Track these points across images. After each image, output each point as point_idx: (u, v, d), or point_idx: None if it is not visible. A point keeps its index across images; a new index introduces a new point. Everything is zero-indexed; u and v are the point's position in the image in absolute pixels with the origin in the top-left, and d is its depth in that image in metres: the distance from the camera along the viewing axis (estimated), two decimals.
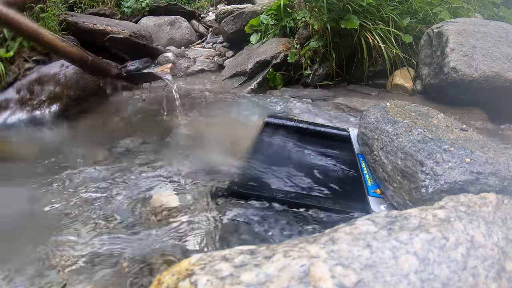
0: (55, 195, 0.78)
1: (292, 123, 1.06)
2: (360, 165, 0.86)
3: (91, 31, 1.97)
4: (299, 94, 1.58)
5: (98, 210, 0.74)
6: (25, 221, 0.71)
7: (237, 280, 0.35)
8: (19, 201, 0.77)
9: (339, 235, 0.42)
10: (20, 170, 0.91)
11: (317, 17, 1.64)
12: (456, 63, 1.32)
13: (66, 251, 0.62)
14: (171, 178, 0.86)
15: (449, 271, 0.38)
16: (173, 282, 0.37)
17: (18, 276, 0.57)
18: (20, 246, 0.64)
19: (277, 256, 0.38)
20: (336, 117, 1.33)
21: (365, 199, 0.75)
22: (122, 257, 0.61)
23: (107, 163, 0.92)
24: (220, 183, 0.82)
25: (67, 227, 0.69)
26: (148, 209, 0.75)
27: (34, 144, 1.05)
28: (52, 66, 1.40)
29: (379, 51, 1.61)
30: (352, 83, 1.75)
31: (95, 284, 0.56)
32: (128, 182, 0.84)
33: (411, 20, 1.67)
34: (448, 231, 0.42)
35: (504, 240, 0.44)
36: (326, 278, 0.35)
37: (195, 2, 3.57)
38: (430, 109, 0.87)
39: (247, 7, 2.38)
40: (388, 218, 0.45)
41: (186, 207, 0.75)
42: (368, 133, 0.82)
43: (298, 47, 1.74)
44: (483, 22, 1.53)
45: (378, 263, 0.37)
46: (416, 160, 0.64)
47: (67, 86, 1.32)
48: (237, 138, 1.05)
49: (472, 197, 0.51)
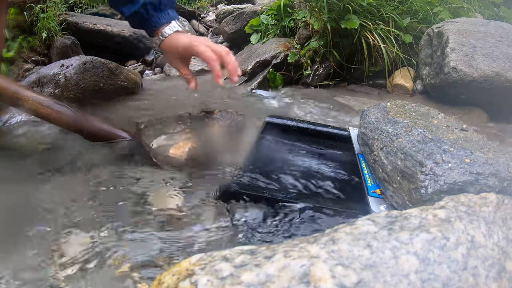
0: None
1: (293, 123, 1.06)
2: (360, 165, 0.86)
3: (91, 31, 1.97)
4: (299, 94, 1.58)
5: (98, 207, 0.74)
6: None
7: (238, 280, 0.35)
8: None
9: (339, 235, 0.42)
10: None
11: (317, 17, 1.64)
12: (456, 63, 1.32)
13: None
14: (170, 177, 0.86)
15: (450, 271, 0.38)
16: (174, 282, 0.37)
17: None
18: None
19: (278, 256, 0.38)
20: (336, 117, 1.33)
21: (365, 199, 0.75)
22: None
23: (108, 162, 0.92)
24: (219, 183, 0.82)
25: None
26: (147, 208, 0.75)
27: (34, 145, 1.05)
28: (52, 66, 1.40)
29: (379, 51, 1.61)
30: (352, 83, 1.75)
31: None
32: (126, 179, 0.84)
33: (411, 20, 1.67)
34: (449, 231, 0.42)
35: (505, 240, 0.44)
36: (327, 278, 0.35)
37: (195, 2, 3.57)
38: (430, 109, 0.87)
39: (247, 7, 2.38)
40: (389, 218, 0.45)
41: (185, 207, 0.75)
42: (368, 133, 0.82)
43: (298, 47, 1.74)
44: (483, 22, 1.53)
45: (378, 263, 0.37)
46: (416, 161, 0.64)
47: (66, 87, 1.32)
48: (237, 138, 1.05)
49: (473, 197, 0.51)
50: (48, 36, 1.78)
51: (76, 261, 0.61)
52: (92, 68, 1.37)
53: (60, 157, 0.97)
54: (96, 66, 1.38)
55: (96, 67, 1.38)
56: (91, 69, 1.37)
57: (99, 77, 1.38)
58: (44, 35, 1.76)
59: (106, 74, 1.40)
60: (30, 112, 0.94)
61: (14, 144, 1.06)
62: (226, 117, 1.09)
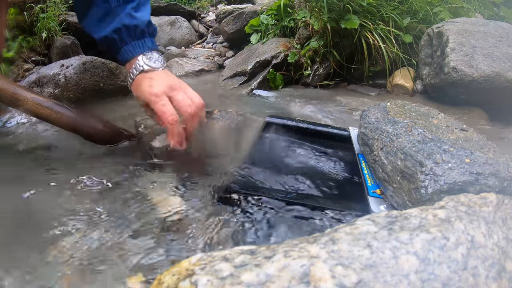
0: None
1: (293, 123, 1.06)
2: (360, 165, 0.85)
3: None
4: (299, 94, 1.58)
5: (98, 207, 0.74)
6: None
7: (238, 280, 0.35)
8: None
9: (339, 235, 0.42)
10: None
11: (317, 17, 1.64)
12: (456, 63, 1.32)
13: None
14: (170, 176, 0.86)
15: (450, 271, 0.38)
16: (174, 282, 0.37)
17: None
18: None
19: (278, 256, 0.38)
20: (336, 117, 1.33)
21: (365, 199, 0.75)
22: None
23: (107, 161, 0.92)
24: (219, 183, 0.82)
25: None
26: (148, 208, 0.75)
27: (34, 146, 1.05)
28: (52, 66, 1.40)
29: (379, 51, 1.61)
30: (352, 83, 1.75)
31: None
32: (127, 180, 0.84)
33: (411, 20, 1.67)
34: (449, 231, 0.42)
35: (505, 240, 0.44)
36: (327, 278, 0.35)
37: (195, 2, 3.57)
38: (430, 109, 0.87)
39: (247, 7, 2.38)
40: (388, 218, 0.45)
41: (185, 207, 0.75)
42: (368, 133, 0.82)
43: (298, 47, 1.74)
44: (483, 22, 1.53)
45: (378, 263, 0.37)
46: (416, 161, 0.64)
47: (66, 87, 1.32)
48: (237, 137, 1.05)
49: (473, 197, 0.51)
50: (48, 36, 1.78)
51: (76, 261, 0.61)
52: (92, 68, 1.37)
53: (60, 157, 0.97)
54: (96, 66, 1.38)
55: (96, 67, 1.38)
56: (91, 69, 1.37)
57: (99, 77, 1.38)
58: (44, 35, 1.76)
59: (106, 74, 1.40)
60: (29, 112, 0.93)
61: (13, 145, 1.06)
62: (226, 117, 1.09)
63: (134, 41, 0.82)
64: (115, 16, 0.82)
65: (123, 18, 0.81)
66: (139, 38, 0.82)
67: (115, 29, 0.81)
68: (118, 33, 0.82)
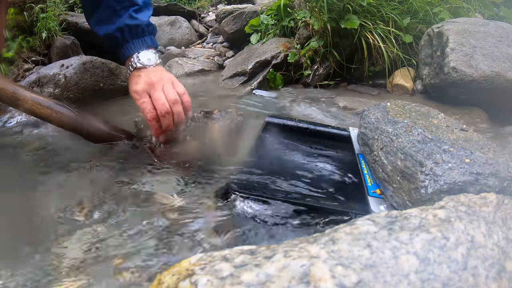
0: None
1: (293, 123, 1.06)
2: (360, 165, 0.85)
3: (91, 31, 1.96)
4: (299, 94, 1.58)
5: (97, 208, 0.74)
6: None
7: (238, 280, 0.35)
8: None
9: (339, 235, 0.42)
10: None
11: (317, 17, 1.64)
12: (456, 63, 1.32)
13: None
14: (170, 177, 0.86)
15: (450, 271, 0.38)
16: (173, 282, 0.37)
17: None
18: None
19: (277, 256, 0.38)
20: (336, 117, 1.33)
21: (365, 199, 0.75)
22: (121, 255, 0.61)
23: (108, 161, 0.93)
24: (219, 183, 0.82)
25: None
26: (149, 208, 0.75)
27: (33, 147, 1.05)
28: (52, 66, 1.40)
29: (379, 51, 1.61)
30: (352, 83, 1.75)
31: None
32: (127, 179, 0.84)
33: (411, 20, 1.67)
34: (449, 231, 0.42)
35: (505, 240, 0.44)
36: (327, 278, 0.35)
37: (195, 2, 3.57)
38: (430, 109, 0.87)
39: (247, 7, 2.38)
40: (388, 218, 0.45)
41: (185, 207, 0.75)
42: (368, 133, 0.82)
43: (298, 47, 1.74)
44: (483, 22, 1.53)
45: (378, 263, 0.37)
46: (416, 161, 0.64)
47: (66, 87, 1.32)
48: (237, 138, 1.05)
49: (473, 197, 0.51)
50: (48, 36, 1.78)
51: (75, 261, 0.61)
52: (92, 68, 1.37)
53: (60, 157, 0.97)
54: (96, 66, 1.38)
55: (96, 67, 1.38)
56: (91, 69, 1.37)
57: (99, 77, 1.38)
58: (44, 35, 1.76)
59: (106, 74, 1.40)
60: (29, 112, 0.94)
61: (13, 145, 1.06)
62: (226, 117, 1.09)
63: (135, 39, 0.88)
64: (119, 17, 0.89)
65: (126, 19, 0.89)
66: (140, 36, 0.89)
67: (118, 28, 0.88)
68: (121, 32, 0.88)
